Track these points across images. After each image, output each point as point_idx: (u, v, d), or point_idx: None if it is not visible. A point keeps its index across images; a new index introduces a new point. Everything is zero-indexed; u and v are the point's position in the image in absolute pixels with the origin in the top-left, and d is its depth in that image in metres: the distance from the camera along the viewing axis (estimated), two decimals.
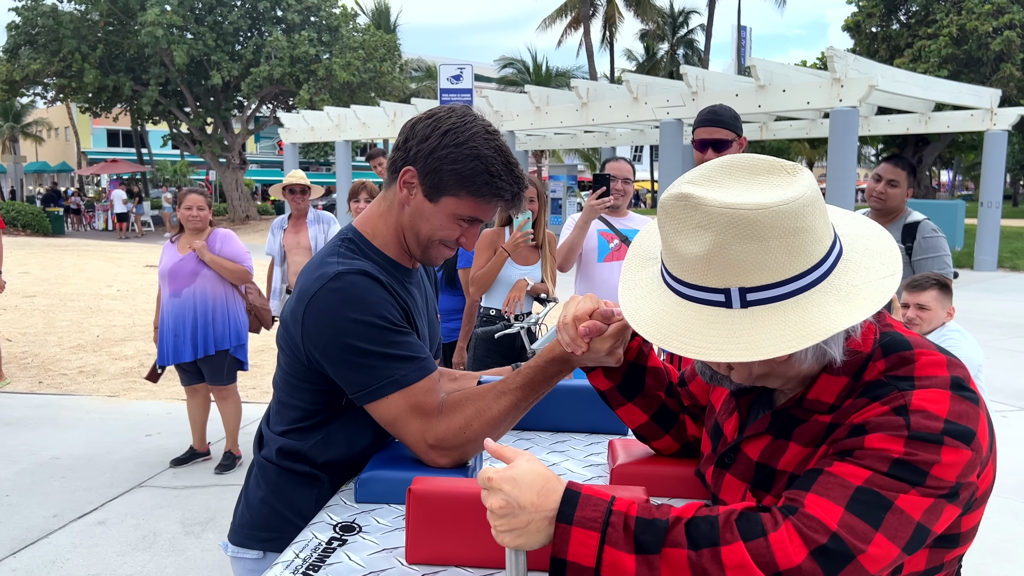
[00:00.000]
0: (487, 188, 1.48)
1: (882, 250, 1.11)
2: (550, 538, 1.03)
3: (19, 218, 25.52)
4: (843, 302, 1.02)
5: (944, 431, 0.98)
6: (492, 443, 1.11)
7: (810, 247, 1.01)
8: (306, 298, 1.46)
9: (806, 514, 0.98)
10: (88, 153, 48.64)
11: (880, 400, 1.03)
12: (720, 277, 1.02)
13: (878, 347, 1.09)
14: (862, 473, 0.99)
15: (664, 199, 1.05)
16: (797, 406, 1.13)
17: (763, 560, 0.96)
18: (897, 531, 0.96)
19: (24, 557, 3.77)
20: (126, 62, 27.90)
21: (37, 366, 7.61)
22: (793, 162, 1.07)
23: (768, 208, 0.99)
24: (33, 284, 11.93)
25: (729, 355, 1.01)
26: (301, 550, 1.24)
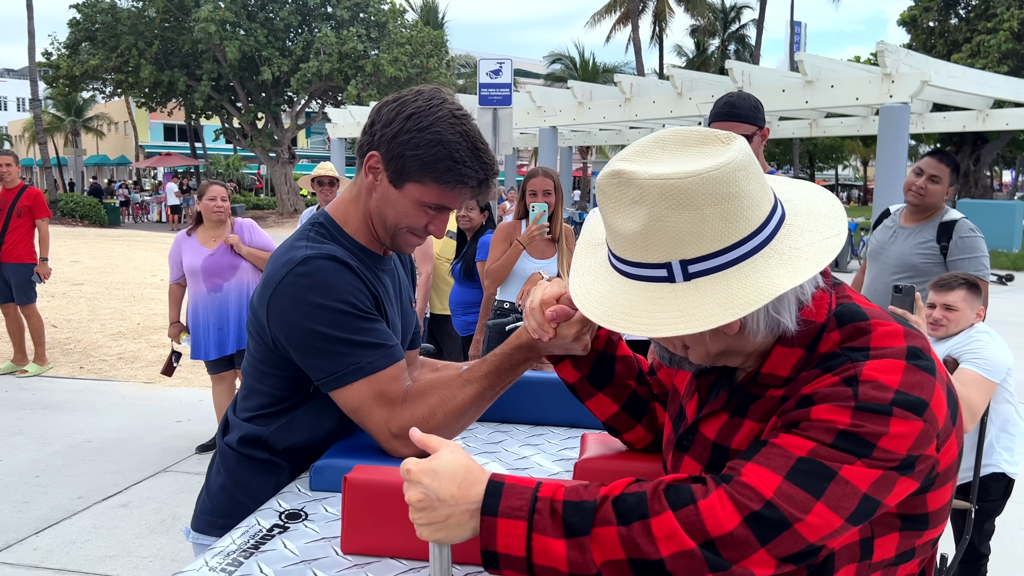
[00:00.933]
0: (450, 175, 1.43)
1: (827, 213, 1.08)
2: (474, 531, 1.00)
3: (77, 209, 26.30)
4: (785, 265, 1.00)
5: (893, 402, 0.95)
6: (417, 433, 1.07)
7: (747, 212, 0.99)
8: (273, 283, 1.44)
9: (741, 482, 0.96)
10: (145, 147, 49.93)
11: (832, 371, 1.00)
12: (660, 251, 0.99)
13: (832, 317, 1.06)
14: (806, 444, 0.96)
15: (599, 178, 1.03)
16: (752, 382, 1.10)
17: (693, 528, 0.94)
18: (840, 501, 0.94)
19: (46, 536, 3.87)
20: (180, 58, 28.55)
21: (79, 352, 7.81)
22: (727, 132, 1.04)
23: (698, 175, 0.97)
24: (82, 273, 12.27)
25: (673, 329, 0.98)
26: (240, 536, 1.22)
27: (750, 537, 0.93)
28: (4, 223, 6.74)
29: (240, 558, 1.15)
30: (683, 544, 0.94)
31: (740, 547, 0.93)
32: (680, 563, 0.94)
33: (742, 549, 0.94)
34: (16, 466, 4.80)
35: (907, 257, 3.83)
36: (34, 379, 6.85)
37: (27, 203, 6.80)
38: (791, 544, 0.94)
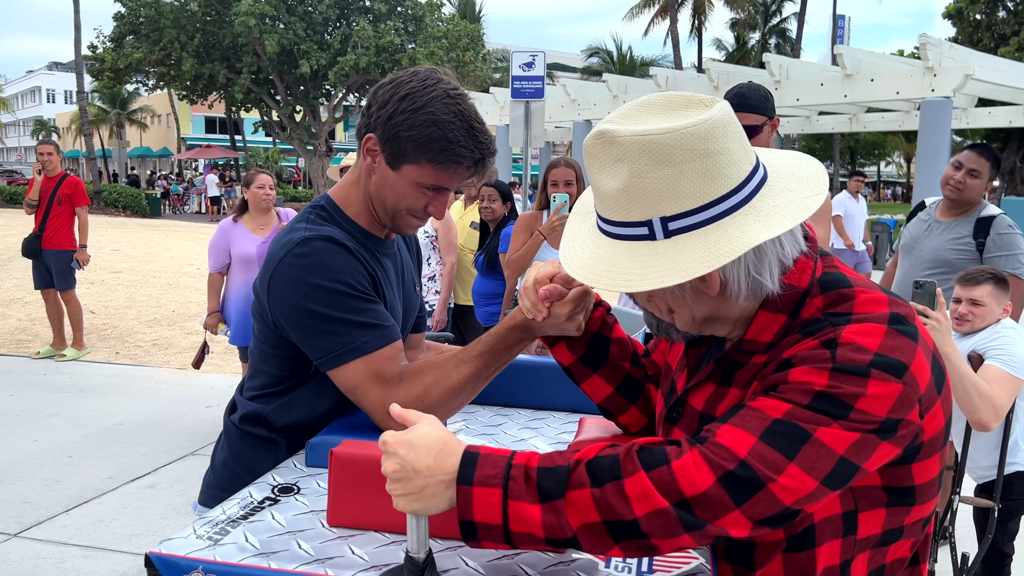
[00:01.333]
0: (445, 155, 1.43)
1: (810, 176, 1.09)
2: (450, 502, 1.01)
3: (120, 199, 26.85)
4: (762, 221, 1.01)
5: (871, 363, 0.95)
6: (397, 408, 1.09)
7: (726, 169, 1.00)
8: (273, 264, 1.46)
9: (715, 442, 0.97)
10: (187, 139, 50.75)
11: (812, 335, 1.01)
12: (641, 209, 1.01)
13: (816, 283, 1.06)
14: (782, 406, 0.97)
15: (585, 140, 1.05)
16: (737, 349, 1.11)
17: (667, 488, 0.95)
18: (815, 463, 0.94)
19: (76, 514, 3.97)
20: (221, 51, 28.93)
21: (116, 337, 7.99)
22: (712, 96, 1.05)
23: (677, 131, 0.98)
24: (121, 261, 12.53)
25: (652, 283, 1.00)
26: (231, 507, 1.25)
27: (724, 497, 0.94)
28: (45, 211, 6.91)
29: (227, 527, 1.17)
30: (656, 503, 0.95)
31: (715, 507, 0.94)
32: (655, 522, 0.95)
33: (716, 509, 0.94)
34: (51, 446, 4.93)
35: (941, 252, 3.75)
36: (72, 363, 7.03)
37: (67, 191, 6.97)
38: (766, 506, 0.94)
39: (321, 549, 1.12)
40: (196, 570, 1.07)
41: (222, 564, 1.07)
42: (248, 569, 1.06)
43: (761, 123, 2.91)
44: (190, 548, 1.10)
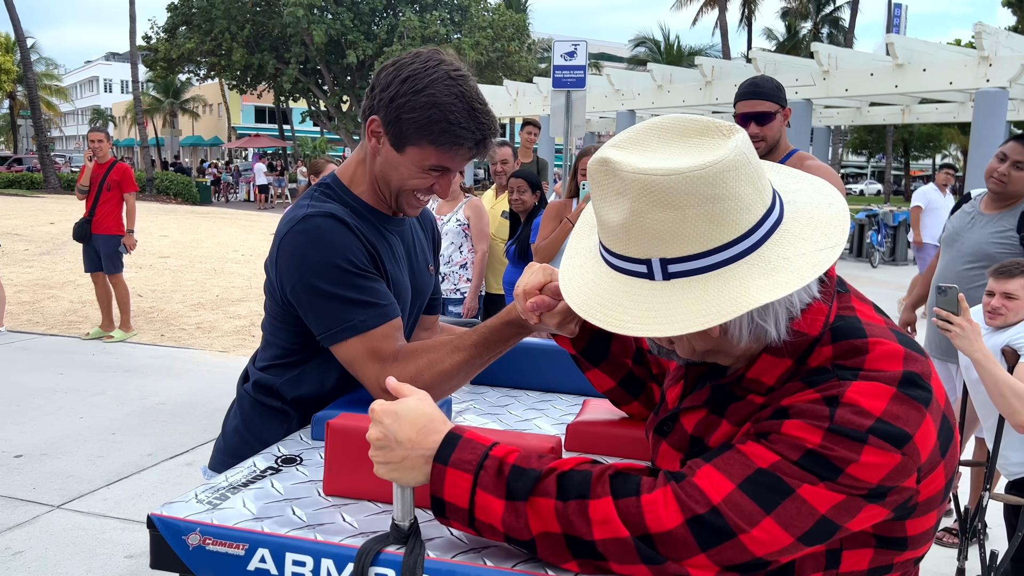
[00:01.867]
0: (446, 136, 1.45)
1: (829, 220, 1.01)
2: (427, 477, 1.03)
3: (171, 187, 27.47)
4: (768, 275, 0.94)
5: (870, 429, 0.90)
6: (392, 380, 1.12)
7: (733, 216, 0.94)
8: (278, 240, 1.51)
9: (692, 483, 0.94)
10: (237, 128, 51.66)
11: (815, 387, 0.96)
12: (641, 247, 0.96)
13: (828, 331, 1.00)
14: (769, 456, 0.93)
15: (588, 163, 1.00)
16: (737, 383, 1.07)
17: (632, 519, 0.94)
18: (793, 519, 0.91)
19: (117, 488, 4.11)
20: (270, 41, 29.40)
21: (161, 320, 8.21)
22: (730, 124, 0.99)
23: (681, 173, 0.91)
24: (170, 246, 12.84)
25: (645, 330, 0.95)
26: (234, 474, 1.30)
27: (689, 539, 0.92)
28: (95, 196, 7.12)
29: (228, 493, 1.22)
30: (617, 531, 0.94)
31: (678, 547, 0.93)
32: (612, 548, 0.94)
33: (680, 550, 0.93)
34: (95, 423, 5.10)
35: (983, 246, 3.66)
36: (119, 344, 7.25)
37: (116, 177, 7.17)
38: (734, 554, 0.92)
39: (314, 516, 1.16)
40: (193, 531, 1.12)
41: (218, 527, 1.11)
42: (241, 532, 1.10)
43: (774, 111, 2.96)
44: (190, 511, 1.15)
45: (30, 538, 3.53)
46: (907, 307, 4.12)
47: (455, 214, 5.11)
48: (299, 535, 1.09)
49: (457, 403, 1.75)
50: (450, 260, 5.11)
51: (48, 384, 5.89)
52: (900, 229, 16.15)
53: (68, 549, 3.44)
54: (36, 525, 3.66)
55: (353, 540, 1.08)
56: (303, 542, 1.08)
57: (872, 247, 15.50)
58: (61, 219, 14.29)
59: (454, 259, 5.11)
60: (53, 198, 23.93)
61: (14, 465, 4.35)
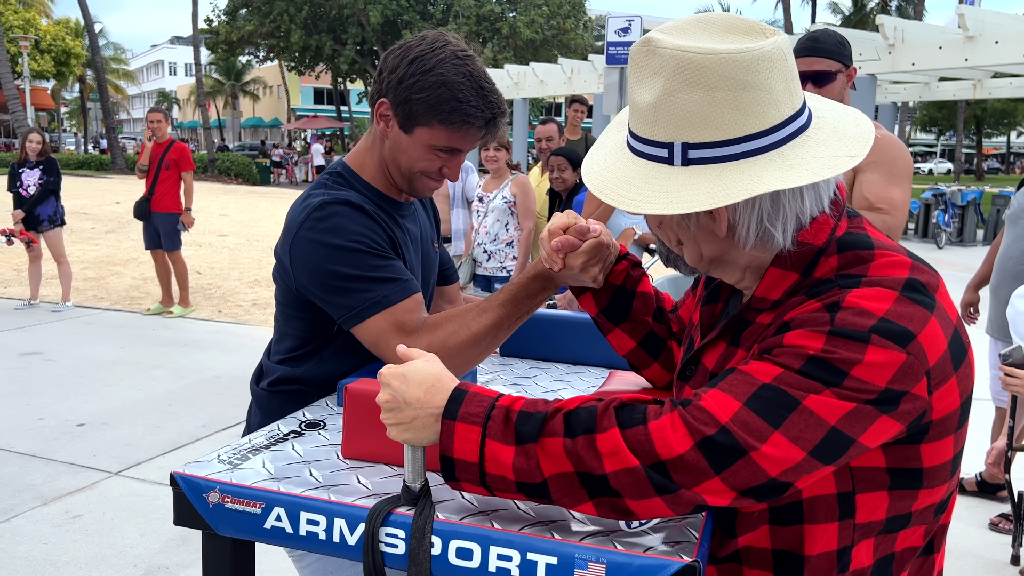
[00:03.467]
0: (456, 116, 1.45)
1: (854, 136, 1.01)
2: (437, 436, 1.04)
3: (232, 168, 28.07)
4: (782, 170, 0.95)
5: (873, 328, 0.89)
6: (402, 347, 1.12)
7: (761, 108, 0.94)
8: (292, 229, 1.50)
9: (698, 406, 0.94)
10: (296, 110, 52.46)
11: (817, 296, 0.96)
12: (666, 129, 0.97)
13: (834, 242, 1.00)
14: (772, 370, 0.92)
15: (634, 44, 1.03)
16: (748, 307, 1.07)
17: (641, 448, 0.93)
18: (802, 432, 0.89)
19: (171, 457, 4.25)
20: (328, 22, 29.70)
21: (219, 297, 8.42)
22: (774, 28, 0.99)
23: (717, 54, 0.92)
24: (229, 225, 13.15)
25: (652, 207, 0.97)
26: (257, 437, 1.33)
27: (702, 463, 0.91)
28: (154, 175, 7.31)
29: (249, 455, 1.24)
30: (627, 462, 0.93)
31: (692, 472, 0.91)
32: (624, 480, 0.93)
33: (694, 475, 0.91)
34: (153, 395, 5.27)
35: None
36: (178, 320, 7.46)
37: (174, 157, 7.34)
38: (748, 475, 0.90)
39: (330, 477, 1.17)
40: (213, 490, 1.14)
41: (236, 485, 1.14)
42: (258, 491, 1.12)
43: (835, 70, 2.65)
44: (211, 470, 1.18)
45: (89, 502, 3.68)
46: (969, 287, 3.98)
47: (501, 191, 5.10)
48: (314, 495, 1.11)
49: (484, 374, 1.76)
50: (496, 238, 5.12)
51: (110, 357, 6.11)
52: (968, 209, 15.59)
53: (124, 514, 3.57)
54: (95, 490, 3.81)
55: (366, 501, 1.10)
56: (317, 502, 1.10)
57: (938, 228, 14.99)
58: (126, 199, 14.74)
59: (500, 237, 5.11)
60: (120, 178, 24.70)
61: (76, 433, 4.53)
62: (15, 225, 7.40)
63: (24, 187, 7.42)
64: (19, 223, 7.38)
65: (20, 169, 7.46)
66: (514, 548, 1.01)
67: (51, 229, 7.52)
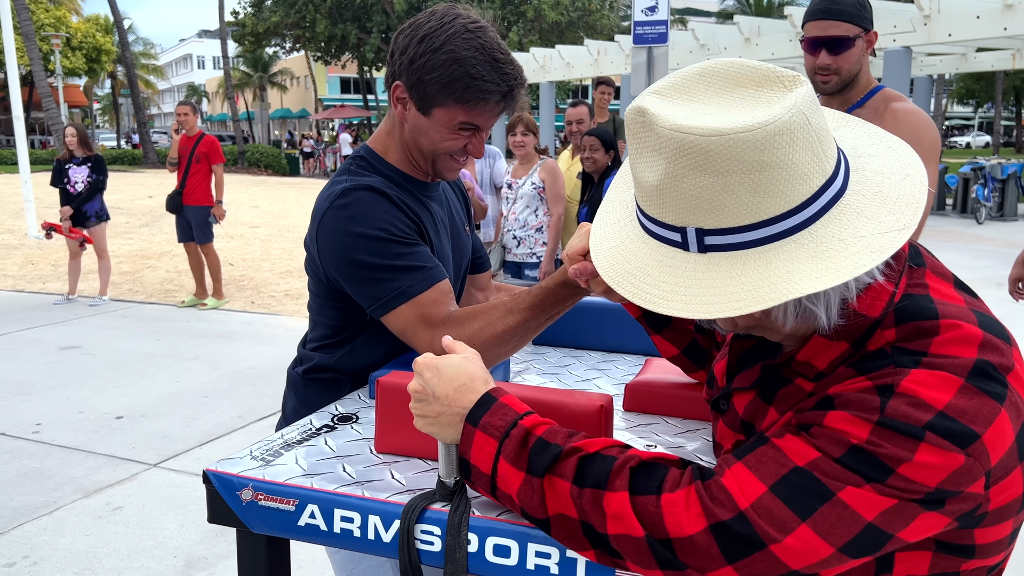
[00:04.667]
0: (470, 92, 1.41)
1: (900, 197, 0.87)
2: (460, 435, 1.01)
3: (262, 159, 28.31)
4: (817, 260, 0.82)
5: (928, 425, 0.78)
6: (448, 339, 1.10)
7: (783, 187, 0.81)
8: (318, 218, 1.49)
9: (719, 483, 0.85)
10: (323, 100, 52.68)
11: (869, 374, 0.84)
12: (676, 213, 0.85)
13: (892, 312, 0.87)
14: (808, 453, 0.82)
15: (627, 111, 0.90)
16: (787, 364, 0.96)
17: (649, 519, 0.86)
18: (833, 527, 0.80)
19: (208, 449, 4.29)
20: (352, 11, 29.72)
21: (251, 288, 8.49)
22: (795, 74, 0.85)
23: (724, 135, 0.79)
24: (259, 217, 13.26)
25: (672, 308, 0.86)
26: (290, 432, 1.31)
27: (713, 548, 0.82)
28: (185, 169, 7.37)
29: (282, 450, 1.23)
30: (631, 529, 0.87)
31: (700, 556, 0.83)
32: (626, 546, 0.87)
33: (702, 559, 0.83)
34: (189, 387, 5.33)
35: None
36: (212, 311, 7.54)
37: (204, 150, 7.39)
38: (766, 567, 0.82)
39: (364, 473, 1.15)
40: (247, 487, 1.13)
41: (269, 482, 1.12)
42: (292, 488, 1.11)
43: (853, 35, 2.42)
44: (244, 467, 1.17)
45: (129, 494, 3.73)
46: (1018, 262, 3.85)
47: (530, 177, 5.06)
48: (347, 491, 1.09)
49: (517, 363, 1.73)
50: (526, 224, 5.08)
51: (146, 350, 6.19)
52: (1009, 183, 15.20)
53: (163, 506, 3.62)
54: (135, 482, 3.86)
55: (400, 497, 1.08)
56: (351, 499, 1.08)
57: (978, 202, 14.64)
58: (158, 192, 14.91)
59: (530, 223, 5.07)
60: (152, 172, 25.03)
61: (115, 426, 4.60)
62: (62, 222, 7.52)
63: (71, 183, 7.54)
64: (67, 220, 7.49)
65: (67, 165, 7.57)
66: (553, 545, 0.98)
67: (96, 225, 7.64)
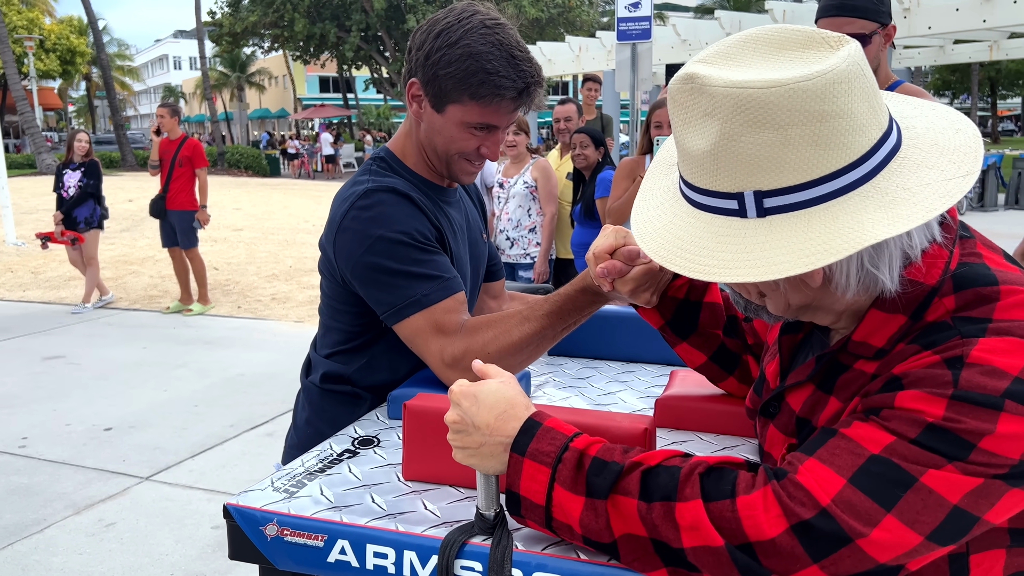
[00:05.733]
0: (486, 88, 1.36)
1: (957, 147, 0.86)
2: (505, 466, 0.95)
3: (242, 160, 28.04)
4: (886, 209, 0.79)
5: (1007, 392, 0.75)
6: (479, 363, 1.04)
7: (845, 138, 0.79)
8: (338, 218, 1.44)
9: (795, 481, 0.81)
10: (302, 99, 52.31)
11: (935, 347, 0.81)
12: (732, 178, 0.82)
13: (949, 279, 0.85)
14: (883, 438, 0.79)
15: (670, 83, 0.86)
16: (842, 350, 0.92)
17: (726, 525, 0.82)
18: (919, 515, 0.77)
19: (201, 460, 4.20)
20: (331, 10, 29.50)
21: (237, 292, 8.38)
22: (840, 36, 0.83)
23: (784, 86, 0.78)
24: (242, 219, 13.10)
25: (734, 274, 0.82)
26: (311, 459, 1.25)
27: (797, 549, 0.79)
28: (168, 173, 7.25)
29: (304, 480, 1.17)
30: (709, 539, 0.82)
31: (785, 558, 0.80)
32: (704, 559, 0.83)
33: (787, 561, 0.80)
34: (178, 396, 5.23)
35: None
36: (198, 317, 7.43)
37: (187, 153, 7.27)
38: (853, 562, 0.79)
39: (394, 504, 1.09)
40: (271, 522, 1.07)
41: (295, 517, 1.06)
42: (320, 523, 1.05)
43: (870, 31, 2.35)
44: (266, 500, 1.10)
45: (122, 509, 3.64)
46: (1018, 254, 3.86)
47: (522, 176, 5.00)
48: (379, 525, 1.03)
49: (536, 376, 1.67)
50: (519, 224, 5.02)
51: (133, 358, 6.07)
52: (989, 173, 15.32)
53: (158, 520, 3.53)
54: (127, 497, 3.77)
55: (436, 531, 1.02)
56: (384, 533, 1.02)
57: None
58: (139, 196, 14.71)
59: (523, 223, 5.02)
60: (130, 175, 24.69)
61: (104, 438, 4.50)
62: (55, 226, 7.45)
63: (65, 188, 7.48)
64: (59, 224, 7.44)
65: (64, 170, 7.53)
66: None
67: (86, 231, 7.53)
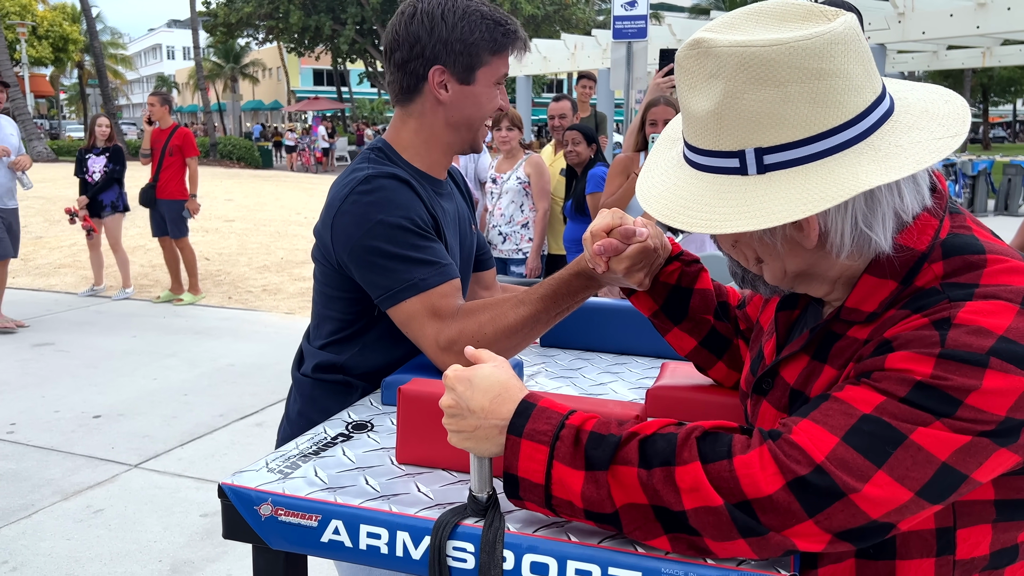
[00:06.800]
0: (504, 37, 1.50)
1: (948, 114, 0.90)
2: (501, 448, 0.97)
3: (234, 152, 27.93)
4: (879, 162, 0.84)
5: (992, 350, 0.78)
6: (471, 348, 1.05)
7: (841, 96, 0.84)
8: (336, 203, 1.46)
9: (790, 441, 0.84)
10: (296, 91, 52.14)
11: (923, 311, 0.84)
12: (734, 136, 0.86)
13: (938, 246, 0.89)
14: (874, 398, 0.82)
15: (678, 51, 0.91)
16: (836, 318, 0.96)
17: (724, 485, 0.84)
18: (909, 470, 0.79)
19: (190, 448, 4.20)
20: (327, 3, 29.40)
21: (228, 283, 8.36)
22: (836, 9, 0.88)
23: (785, 44, 0.82)
24: (234, 210, 13.06)
25: (734, 224, 0.86)
26: (304, 442, 1.26)
27: (794, 505, 0.82)
28: (159, 162, 7.22)
29: (299, 462, 1.18)
30: (709, 499, 0.85)
31: (781, 514, 0.83)
32: (705, 519, 0.85)
33: (784, 517, 0.83)
34: (168, 385, 5.22)
35: None
36: (188, 307, 7.41)
37: (178, 143, 7.24)
38: (846, 518, 0.81)
39: (388, 486, 1.11)
40: (265, 502, 1.08)
41: (289, 497, 1.07)
42: (314, 503, 1.06)
43: None
44: (261, 481, 1.11)
45: (110, 496, 3.64)
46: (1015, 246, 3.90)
47: (515, 172, 5.01)
48: (373, 506, 1.05)
49: (528, 366, 1.69)
50: (511, 219, 5.04)
51: (123, 347, 6.06)
52: (979, 179, 15.43)
53: (146, 508, 3.53)
54: (115, 484, 3.77)
55: (429, 512, 1.03)
56: (378, 514, 1.04)
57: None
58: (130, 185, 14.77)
59: (515, 218, 5.03)
60: None
61: (93, 426, 4.49)
62: (79, 210, 7.47)
63: (89, 173, 7.48)
64: (83, 209, 7.44)
65: (87, 155, 7.52)
66: (594, 563, 0.94)
67: (112, 215, 7.53)
